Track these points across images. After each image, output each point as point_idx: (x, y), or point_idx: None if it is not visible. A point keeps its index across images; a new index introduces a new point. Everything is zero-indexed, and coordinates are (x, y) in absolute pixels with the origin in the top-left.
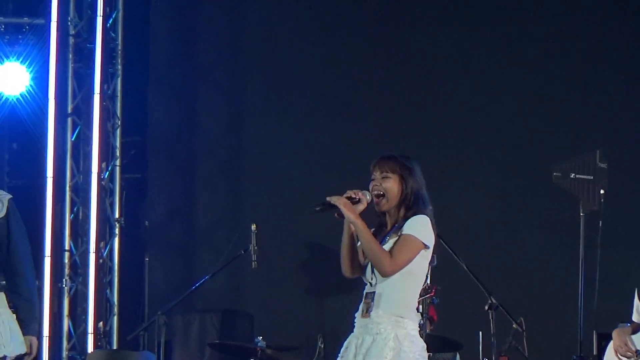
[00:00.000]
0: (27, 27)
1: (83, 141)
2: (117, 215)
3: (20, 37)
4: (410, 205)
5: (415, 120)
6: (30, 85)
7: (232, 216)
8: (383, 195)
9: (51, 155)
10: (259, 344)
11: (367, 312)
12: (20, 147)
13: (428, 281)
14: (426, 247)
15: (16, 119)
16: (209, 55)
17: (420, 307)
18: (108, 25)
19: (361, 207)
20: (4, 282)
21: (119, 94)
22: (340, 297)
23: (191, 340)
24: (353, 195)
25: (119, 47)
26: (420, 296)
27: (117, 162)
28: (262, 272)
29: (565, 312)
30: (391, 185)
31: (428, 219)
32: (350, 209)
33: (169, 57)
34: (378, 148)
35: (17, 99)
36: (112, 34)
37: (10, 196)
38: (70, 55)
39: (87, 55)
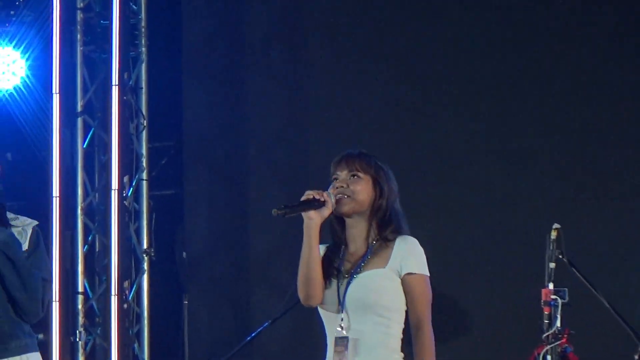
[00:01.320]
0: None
1: (98, 148)
2: (145, 246)
3: (12, 12)
4: (386, 221)
5: (535, 112)
6: (27, 76)
7: (296, 242)
8: (348, 197)
9: (57, 168)
10: None
11: None
12: (16, 158)
13: (558, 324)
14: None
15: (9, 122)
16: (260, 32)
17: (550, 357)
18: None
19: (326, 212)
20: (42, 335)
21: (143, 85)
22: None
23: None
24: (317, 197)
25: (143, 24)
26: (549, 343)
27: (144, 175)
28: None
29: None
30: (362, 187)
31: (411, 238)
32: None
33: (208, 36)
34: (477, 144)
35: (10, 95)
36: (134, 7)
37: (36, 222)
38: (79, 36)
39: (101, 35)
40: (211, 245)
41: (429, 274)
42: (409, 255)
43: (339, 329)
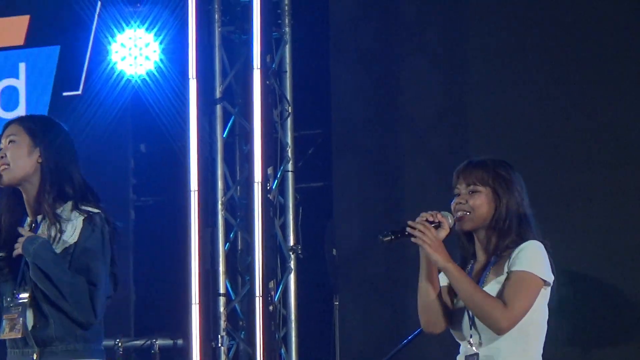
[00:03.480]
0: None
1: (239, 138)
2: (291, 243)
3: None
4: (505, 230)
5: None
6: (161, 61)
7: (455, 237)
8: (468, 214)
9: (194, 160)
10: None
11: None
12: (150, 149)
13: None
14: (546, 284)
15: (143, 110)
16: (415, 8)
17: None
18: None
19: (443, 233)
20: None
21: (287, 68)
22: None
23: None
24: (431, 219)
25: (286, 1)
26: None
27: (289, 167)
28: None
29: None
30: (481, 202)
31: (542, 245)
32: (437, 249)
33: (357, 14)
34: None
35: (143, 81)
36: None
37: (96, 211)
38: (217, 16)
39: (241, 14)
40: (364, 242)
41: (537, 273)
42: (518, 256)
43: (469, 345)
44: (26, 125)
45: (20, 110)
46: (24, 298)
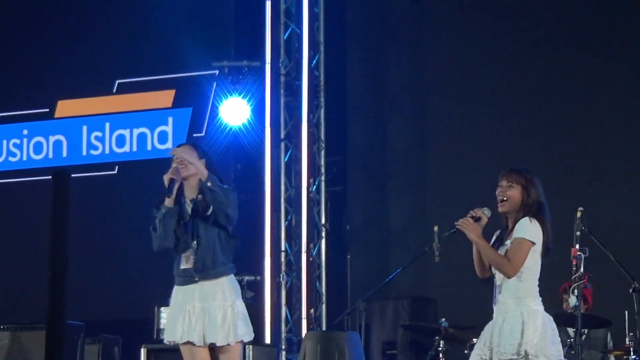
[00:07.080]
0: (246, 68)
1: (294, 161)
2: (323, 221)
3: (240, 77)
4: (531, 211)
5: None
6: (250, 117)
7: (419, 220)
8: (506, 200)
9: (268, 174)
10: (443, 324)
11: (496, 299)
12: (243, 167)
13: (582, 269)
14: (534, 243)
15: (239, 145)
16: (396, 88)
17: (576, 291)
18: (312, 65)
19: (483, 222)
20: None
21: (322, 121)
22: None
23: (387, 322)
24: (474, 214)
25: (322, 83)
26: (575, 282)
27: (322, 178)
28: (444, 265)
29: None
30: (514, 193)
31: (529, 219)
32: (472, 231)
33: (363, 90)
34: (564, 164)
35: (239, 129)
36: (316, 73)
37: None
38: (282, 91)
39: (296, 90)
40: (365, 222)
41: (527, 237)
42: (517, 228)
43: (495, 281)
44: None
45: (168, 144)
46: (193, 245)
